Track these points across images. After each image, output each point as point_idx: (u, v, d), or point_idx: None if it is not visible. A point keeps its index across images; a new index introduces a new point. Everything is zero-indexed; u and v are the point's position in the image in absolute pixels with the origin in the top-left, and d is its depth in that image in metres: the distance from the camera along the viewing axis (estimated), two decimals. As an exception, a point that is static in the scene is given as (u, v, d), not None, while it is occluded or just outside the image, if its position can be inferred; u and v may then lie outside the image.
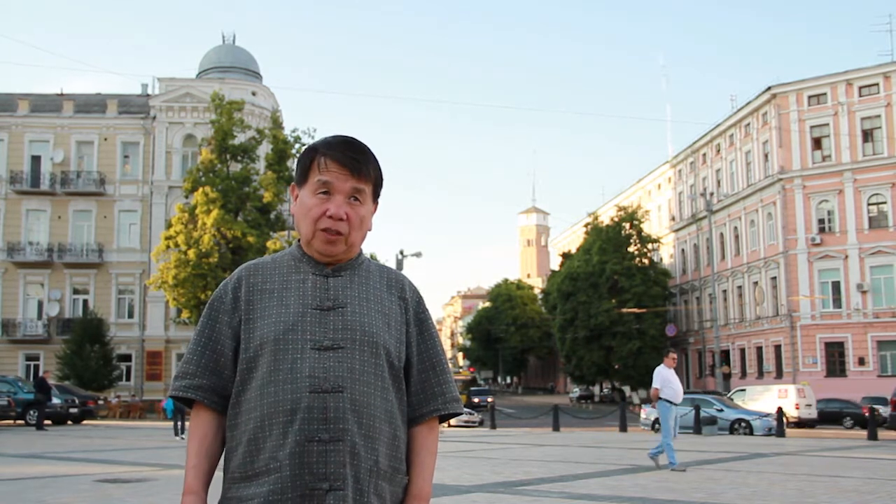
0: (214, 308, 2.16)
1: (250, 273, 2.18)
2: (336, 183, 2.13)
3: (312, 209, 2.13)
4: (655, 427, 29.95)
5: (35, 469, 13.32)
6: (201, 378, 2.12)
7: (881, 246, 46.30)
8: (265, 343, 2.05)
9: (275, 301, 2.11)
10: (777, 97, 50.54)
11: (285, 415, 1.99)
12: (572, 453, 18.03)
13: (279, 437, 1.99)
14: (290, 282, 2.15)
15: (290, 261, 2.20)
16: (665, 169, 69.20)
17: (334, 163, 2.13)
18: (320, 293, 2.13)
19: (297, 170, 2.24)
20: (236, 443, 2.07)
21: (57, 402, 30.35)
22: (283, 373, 2.02)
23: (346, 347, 2.07)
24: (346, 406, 2.02)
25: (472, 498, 9.76)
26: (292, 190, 2.24)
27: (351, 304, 2.13)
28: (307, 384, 2.01)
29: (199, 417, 2.14)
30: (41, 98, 51.65)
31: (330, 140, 2.18)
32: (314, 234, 2.14)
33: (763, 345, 52.33)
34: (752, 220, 54.00)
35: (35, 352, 47.62)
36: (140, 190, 49.62)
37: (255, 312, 2.11)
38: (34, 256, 48.14)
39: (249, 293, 2.14)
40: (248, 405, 2.05)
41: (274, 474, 1.97)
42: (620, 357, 58.81)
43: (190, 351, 2.16)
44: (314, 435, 1.98)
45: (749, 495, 10.09)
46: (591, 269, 60.48)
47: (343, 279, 2.17)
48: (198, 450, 2.11)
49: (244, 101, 44.14)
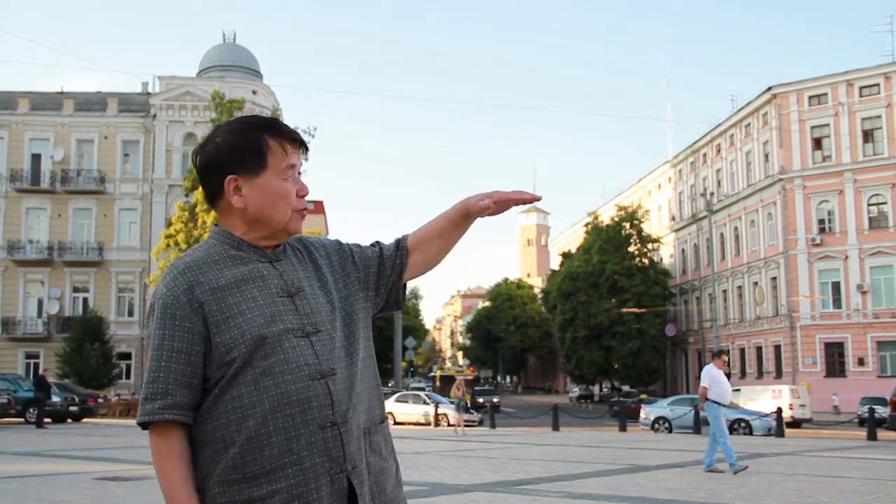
0: (169, 317, 2.00)
1: (195, 273, 2.04)
2: (297, 163, 2.13)
3: (289, 194, 2.09)
4: (655, 426, 29.99)
5: (35, 467, 13.33)
6: (175, 396, 1.96)
7: (881, 246, 46.30)
8: (251, 339, 1.97)
9: (238, 296, 2.02)
10: (777, 97, 50.55)
11: (292, 406, 1.96)
12: (572, 453, 18.03)
13: (288, 430, 1.95)
14: (243, 273, 2.06)
15: (228, 250, 2.10)
16: (665, 169, 69.20)
17: (291, 143, 2.11)
18: (277, 280, 2.08)
19: (241, 157, 2.07)
20: (226, 444, 1.96)
21: (57, 401, 30.31)
22: (278, 365, 1.97)
23: (324, 329, 2.06)
24: (342, 387, 2.02)
25: (471, 497, 9.77)
26: (234, 180, 2.07)
27: (305, 286, 2.11)
28: (306, 373, 1.98)
29: (170, 435, 1.98)
30: (41, 96, 51.62)
31: (267, 122, 2.13)
32: (291, 218, 2.11)
33: (763, 345, 52.35)
34: (753, 220, 54.00)
35: (35, 350, 47.62)
36: (140, 188, 49.62)
37: (223, 312, 2.00)
38: (34, 255, 48.15)
39: (207, 293, 2.01)
40: (238, 403, 1.96)
41: (292, 467, 1.94)
42: (620, 357, 58.82)
43: (154, 369, 1.98)
44: (327, 420, 1.97)
45: (748, 495, 10.10)
46: (591, 269, 60.47)
47: (286, 262, 2.13)
48: (179, 466, 1.97)
49: (245, 99, 44.14)
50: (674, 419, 29.23)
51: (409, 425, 33.32)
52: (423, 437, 24.98)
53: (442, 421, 33.49)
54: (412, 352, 53.97)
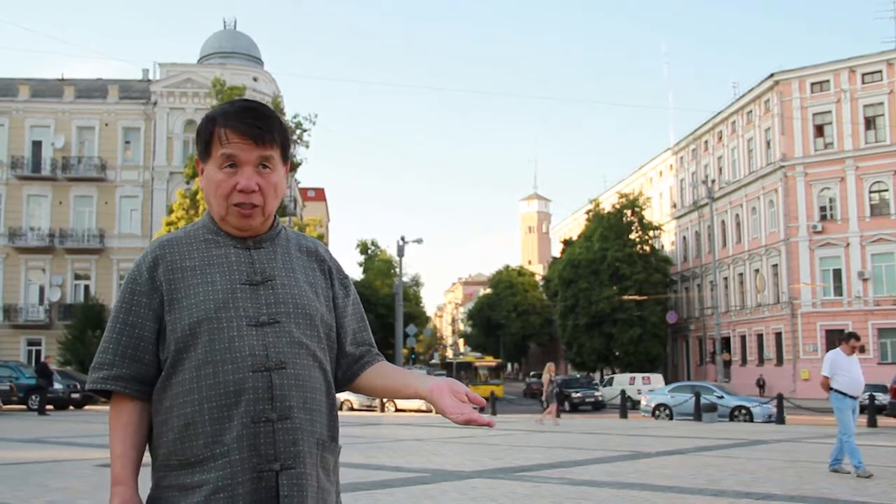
0: (130, 291, 2.01)
1: (165, 251, 2.04)
2: (241, 155, 2.00)
3: (221, 185, 2.01)
4: (655, 413, 30.04)
5: (37, 454, 13.37)
6: (120, 368, 1.99)
7: (882, 233, 46.26)
8: (196, 323, 1.94)
9: (198, 279, 1.99)
10: (779, 84, 50.39)
11: (228, 396, 1.91)
12: (573, 440, 18.07)
13: (222, 421, 1.90)
14: (212, 257, 2.04)
15: (206, 234, 2.09)
16: (667, 156, 69.08)
17: (235, 133, 2.00)
18: (246, 267, 2.04)
19: (197, 143, 2.09)
20: (167, 428, 1.96)
21: (59, 388, 30.39)
22: (220, 353, 1.93)
23: (283, 322, 2.00)
24: (290, 382, 1.95)
25: (472, 483, 9.80)
26: (197, 164, 2.11)
27: (279, 277, 2.05)
28: (249, 363, 1.93)
29: (120, 407, 2.01)
30: (42, 83, 51.53)
31: (228, 109, 2.05)
32: (227, 210, 2.03)
33: (764, 332, 52.37)
34: (754, 207, 53.94)
35: (37, 337, 47.71)
36: (141, 175, 49.58)
37: (178, 292, 1.98)
38: (35, 242, 48.18)
39: (168, 272, 2.00)
40: (180, 388, 1.94)
41: (221, 459, 1.89)
42: (621, 344, 58.86)
43: (106, 339, 2.01)
44: (262, 415, 1.91)
45: (749, 482, 10.12)
46: (592, 257, 60.43)
47: (266, 251, 2.08)
48: (122, 438, 2.00)
49: (245, 86, 44.07)
50: (674, 406, 29.29)
51: (410, 412, 33.39)
52: (423, 423, 25.04)
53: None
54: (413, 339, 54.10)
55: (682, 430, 21.70)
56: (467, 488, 9.37)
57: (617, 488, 9.41)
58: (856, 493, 9.09)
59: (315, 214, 69.24)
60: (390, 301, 57.06)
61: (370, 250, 78.99)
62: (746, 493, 9.05)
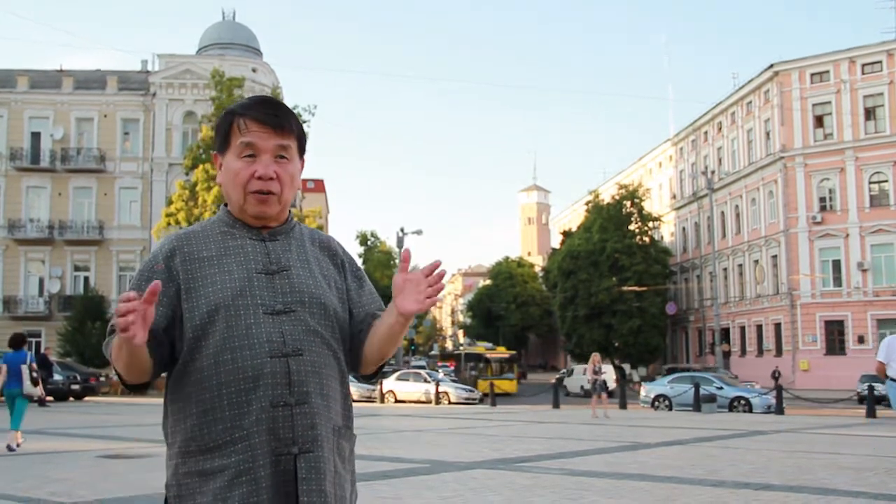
0: (147, 275, 2.03)
1: (182, 242, 2.11)
2: (259, 143, 2.08)
3: (240, 173, 2.08)
4: (655, 404, 30.06)
5: (38, 445, 13.40)
6: None
7: (882, 224, 46.26)
8: (214, 310, 1.99)
9: (215, 268, 2.05)
10: (779, 75, 50.32)
11: (246, 382, 1.95)
12: (572, 430, 18.10)
13: (241, 406, 1.94)
14: (229, 248, 2.09)
15: (221, 227, 2.14)
16: (666, 147, 69.04)
17: (254, 122, 2.08)
18: (262, 257, 2.09)
19: (216, 137, 2.17)
20: (186, 415, 1.99)
21: (59, 379, 30.45)
22: (238, 339, 1.97)
23: (298, 311, 2.05)
24: (307, 369, 2.00)
25: (472, 474, 9.82)
26: (215, 159, 2.18)
27: (294, 267, 2.11)
28: (266, 349, 1.97)
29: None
30: (41, 74, 51.40)
31: (245, 102, 2.14)
32: (245, 199, 2.09)
33: (763, 323, 52.43)
34: (753, 198, 53.93)
35: (36, 328, 47.63)
36: (140, 167, 49.53)
37: (195, 281, 2.03)
38: (35, 233, 48.13)
39: (185, 262, 2.06)
40: (199, 375, 1.98)
41: (241, 443, 1.93)
42: (621, 335, 58.88)
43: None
44: (280, 400, 1.95)
45: (748, 472, 10.14)
46: (591, 248, 60.42)
47: (281, 243, 2.14)
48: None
49: (244, 77, 43.98)
50: (674, 397, 29.32)
51: (410, 403, 33.46)
52: (423, 414, 25.09)
53: (443, 399, 33.62)
54: (413, 330, 54.16)
55: (682, 421, 21.73)
56: (467, 479, 9.39)
57: (616, 479, 9.43)
58: (855, 484, 9.11)
59: (314, 206, 69.10)
60: (390, 292, 56.89)
61: (370, 242, 79.01)
62: (745, 483, 9.07)
